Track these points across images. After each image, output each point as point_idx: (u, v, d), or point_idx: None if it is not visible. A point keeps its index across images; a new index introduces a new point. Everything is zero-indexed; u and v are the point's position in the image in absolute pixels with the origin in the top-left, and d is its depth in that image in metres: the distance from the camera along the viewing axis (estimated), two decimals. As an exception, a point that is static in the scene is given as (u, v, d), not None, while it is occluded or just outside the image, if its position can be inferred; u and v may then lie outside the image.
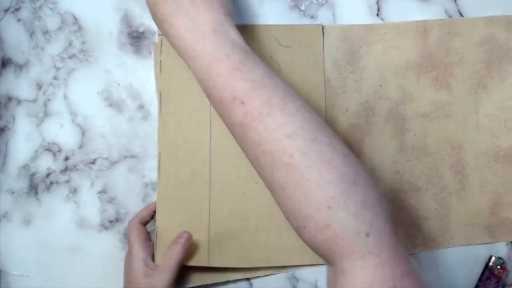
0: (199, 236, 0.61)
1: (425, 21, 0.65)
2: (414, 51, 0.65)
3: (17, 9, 0.64)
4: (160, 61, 0.62)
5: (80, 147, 0.64)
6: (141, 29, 0.64)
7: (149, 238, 0.61)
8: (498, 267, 0.63)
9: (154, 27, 0.64)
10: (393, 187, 0.64)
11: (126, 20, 0.64)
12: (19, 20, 0.64)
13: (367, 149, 0.64)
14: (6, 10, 0.64)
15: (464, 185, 0.64)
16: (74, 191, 0.63)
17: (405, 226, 0.64)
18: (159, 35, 0.62)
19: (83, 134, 0.64)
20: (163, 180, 0.61)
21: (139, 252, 0.58)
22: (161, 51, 0.62)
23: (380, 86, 0.64)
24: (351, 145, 0.64)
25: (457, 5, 0.65)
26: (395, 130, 0.64)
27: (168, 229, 0.61)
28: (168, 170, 0.61)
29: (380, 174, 0.64)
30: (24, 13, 0.64)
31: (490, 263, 0.63)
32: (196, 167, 0.62)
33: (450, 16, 0.65)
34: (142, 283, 0.56)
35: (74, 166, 0.64)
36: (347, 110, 0.64)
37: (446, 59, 0.65)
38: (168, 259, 0.57)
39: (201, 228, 0.61)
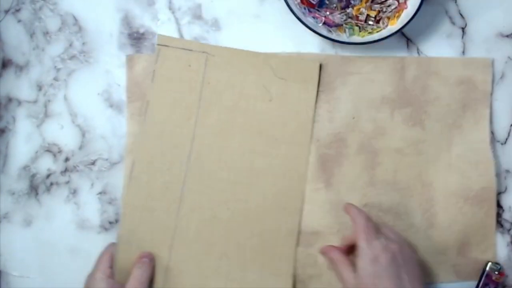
0: (159, 253, 0.59)
1: (403, 58, 0.63)
2: (390, 86, 0.63)
3: (18, 10, 0.63)
4: (154, 70, 0.61)
5: (80, 148, 0.63)
6: (141, 30, 0.63)
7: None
8: (496, 272, 0.61)
9: (154, 28, 0.63)
10: None
11: (127, 21, 0.63)
12: (19, 21, 0.63)
13: (337, 180, 0.62)
14: (6, 11, 0.63)
15: (432, 223, 0.62)
16: (74, 192, 0.62)
17: None
18: (157, 44, 0.61)
19: (83, 135, 0.63)
20: (133, 187, 0.60)
21: (103, 274, 0.56)
22: (156, 60, 0.61)
23: (353, 118, 0.62)
24: (320, 176, 0.62)
25: (457, 5, 0.64)
26: (366, 163, 0.62)
27: (129, 241, 0.59)
28: (140, 178, 0.60)
29: None
30: (25, 14, 0.63)
31: (487, 269, 0.61)
32: (169, 181, 0.60)
33: (450, 17, 0.64)
34: None
35: (74, 167, 0.63)
36: (318, 140, 0.62)
37: (421, 97, 0.63)
38: (138, 277, 0.56)
39: (163, 246, 0.59)
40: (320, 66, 0.62)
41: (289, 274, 0.60)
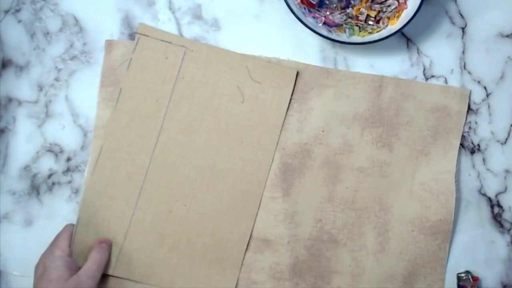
0: (113, 240, 0.60)
1: (381, 77, 0.62)
2: (365, 104, 0.62)
3: (18, 10, 0.62)
4: (131, 58, 0.61)
5: (82, 148, 0.62)
6: (141, 30, 0.62)
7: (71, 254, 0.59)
8: (470, 280, 0.60)
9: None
10: (312, 234, 0.61)
11: (127, 21, 0.62)
12: (19, 21, 0.62)
13: (295, 191, 0.61)
14: (6, 11, 0.62)
15: (384, 248, 0.61)
16: (76, 192, 0.62)
17: (314, 276, 0.61)
18: (137, 33, 0.61)
19: (85, 135, 0.62)
20: (97, 173, 0.60)
21: (63, 252, 0.56)
22: (134, 49, 0.61)
23: (323, 131, 0.62)
24: (279, 185, 0.61)
25: (457, 5, 0.63)
26: (327, 178, 0.61)
27: (87, 224, 0.59)
28: (104, 165, 0.60)
29: (301, 219, 0.61)
30: (25, 14, 0.62)
31: (461, 283, 0.61)
32: (132, 171, 0.60)
33: (450, 17, 0.63)
34: (69, 282, 0.54)
35: (76, 167, 0.62)
36: (284, 148, 0.61)
37: (394, 119, 0.62)
38: (96, 260, 0.57)
39: (118, 233, 0.60)
40: (298, 74, 0.62)
41: (234, 277, 0.61)
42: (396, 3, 0.60)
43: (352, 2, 0.60)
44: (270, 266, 0.61)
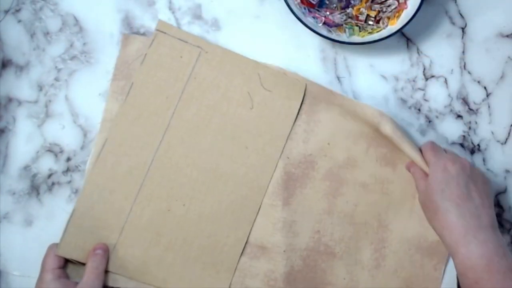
0: (109, 234, 0.59)
1: (381, 113, 0.60)
2: (369, 128, 0.61)
3: (18, 10, 0.61)
4: (146, 54, 0.60)
5: (82, 148, 0.61)
6: (141, 30, 0.62)
7: (65, 274, 0.57)
8: None
9: (154, 28, 0.62)
10: (309, 244, 0.61)
11: (127, 21, 0.62)
12: (19, 21, 0.61)
13: (295, 200, 0.61)
14: (6, 11, 0.61)
15: (380, 264, 0.61)
16: (76, 192, 0.61)
17: (307, 287, 0.61)
18: (156, 29, 0.60)
19: (85, 135, 0.61)
20: (99, 166, 0.59)
21: (53, 275, 0.55)
22: (151, 44, 0.60)
23: (328, 144, 0.61)
24: (280, 193, 0.61)
25: (457, 5, 0.63)
26: (329, 190, 0.61)
27: (83, 216, 0.59)
28: (107, 158, 0.59)
29: (299, 228, 0.61)
30: (25, 14, 0.61)
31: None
32: (134, 167, 0.60)
33: (450, 17, 0.63)
34: None
35: (76, 167, 0.61)
36: (288, 157, 0.61)
37: (399, 145, 0.60)
38: (93, 269, 0.56)
39: (114, 227, 0.59)
40: (307, 86, 0.61)
41: (227, 280, 0.60)
42: (396, 3, 0.60)
43: (352, 2, 0.60)
44: (265, 273, 0.60)
